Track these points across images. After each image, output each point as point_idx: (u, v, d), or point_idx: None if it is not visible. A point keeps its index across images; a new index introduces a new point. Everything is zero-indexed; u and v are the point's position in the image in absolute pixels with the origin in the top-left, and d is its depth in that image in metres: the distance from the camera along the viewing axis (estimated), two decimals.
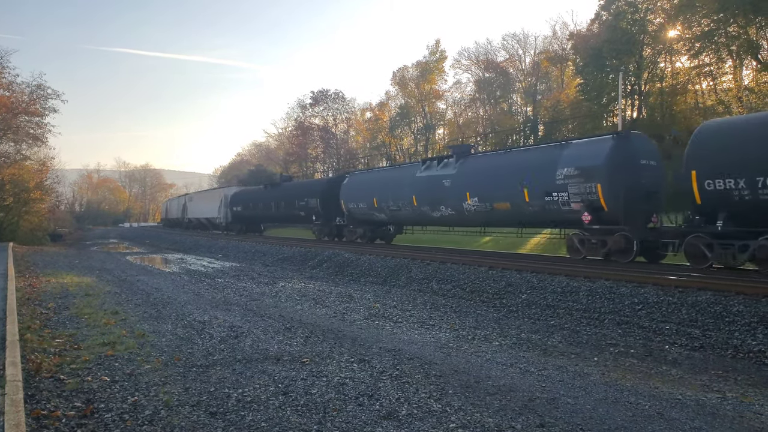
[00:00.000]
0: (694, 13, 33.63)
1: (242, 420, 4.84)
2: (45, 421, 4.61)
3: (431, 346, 8.05)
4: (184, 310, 10.57)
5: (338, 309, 11.37)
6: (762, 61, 32.31)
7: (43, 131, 39.76)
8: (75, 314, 9.95)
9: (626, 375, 6.77)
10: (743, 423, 5.13)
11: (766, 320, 8.47)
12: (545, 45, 57.13)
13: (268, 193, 36.87)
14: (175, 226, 65.06)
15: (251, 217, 40.18)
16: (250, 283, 15.81)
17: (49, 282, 14.85)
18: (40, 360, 6.37)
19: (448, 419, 4.93)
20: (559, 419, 5.01)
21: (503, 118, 55.18)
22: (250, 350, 7.44)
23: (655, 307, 9.88)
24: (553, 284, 12.15)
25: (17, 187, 38.25)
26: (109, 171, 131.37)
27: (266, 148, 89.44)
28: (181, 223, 61.99)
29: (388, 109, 68.61)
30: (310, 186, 34.06)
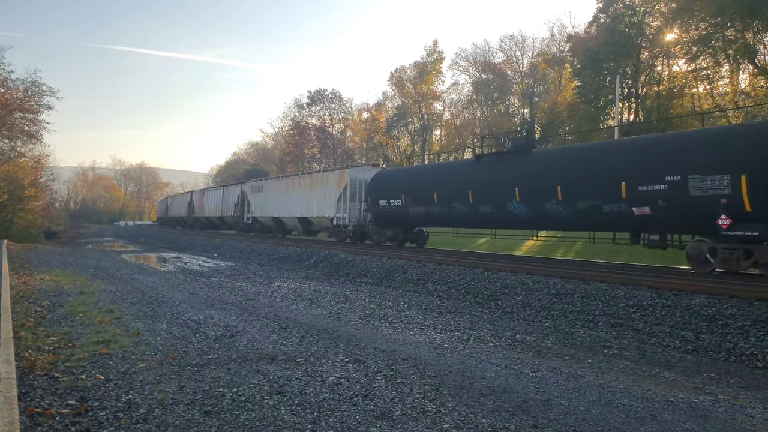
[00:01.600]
0: (691, 16, 33.78)
1: (236, 419, 4.85)
2: (39, 419, 4.60)
3: (426, 347, 8.06)
4: (179, 309, 10.57)
5: (334, 309, 11.38)
6: (759, 65, 32.46)
7: (37, 128, 39.72)
8: (69, 312, 9.93)
9: (620, 377, 6.80)
10: (735, 425, 5.16)
11: (759, 324, 8.52)
12: (543, 47, 57.34)
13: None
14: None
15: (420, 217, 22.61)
16: (245, 282, 15.80)
17: (43, 280, 14.81)
18: (35, 358, 6.36)
19: (442, 420, 4.95)
20: (553, 420, 5.03)
21: (500, 120, 55.28)
22: (245, 350, 7.44)
23: (649, 309, 9.92)
24: (548, 286, 12.19)
25: (12, 184, 38.16)
26: (104, 169, 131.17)
27: (262, 147, 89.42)
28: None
29: (385, 110, 68.72)
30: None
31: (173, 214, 62.86)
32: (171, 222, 64.75)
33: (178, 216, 60.11)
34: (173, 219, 63.37)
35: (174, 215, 62.46)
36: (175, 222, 62.66)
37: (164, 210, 69.57)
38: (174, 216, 62.49)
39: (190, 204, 53.90)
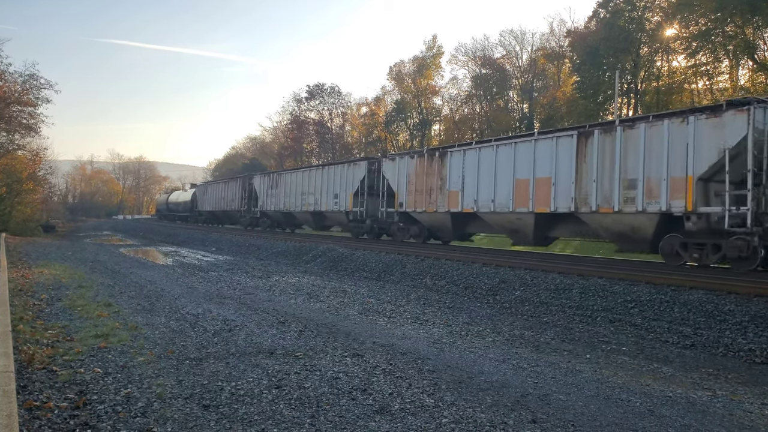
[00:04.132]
0: (691, 12, 33.74)
1: (235, 413, 4.85)
2: (37, 412, 4.60)
3: (424, 342, 8.07)
4: (177, 303, 10.56)
5: (332, 303, 11.38)
6: (758, 61, 32.44)
7: (36, 121, 39.50)
8: (68, 306, 9.93)
9: (618, 372, 6.80)
10: (733, 420, 5.17)
11: (757, 319, 8.53)
12: (542, 42, 57.22)
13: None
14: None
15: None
16: (243, 276, 15.80)
17: (41, 273, 14.79)
18: (33, 351, 6.36)
19: (440, 414, 4.95)
20: (551, 415, 5.03)
21: (499, 115, 55.25)
22: (244, 344, 7.44)
23: (648, 305, 9.93)
24: (546, 281, 12.20)
25: (10, 178, 38.06)
26: (102, 163, 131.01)
27: (261, 141, 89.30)
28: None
29: (384, 105, 68.59)
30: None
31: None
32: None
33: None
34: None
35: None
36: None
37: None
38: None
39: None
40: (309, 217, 30.69)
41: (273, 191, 33.90)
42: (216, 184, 46.18)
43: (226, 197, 42.17)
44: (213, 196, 45.88)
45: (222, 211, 43.03)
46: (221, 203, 43.39)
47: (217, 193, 44.84)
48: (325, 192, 28.64)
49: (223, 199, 43.17)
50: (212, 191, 46.47)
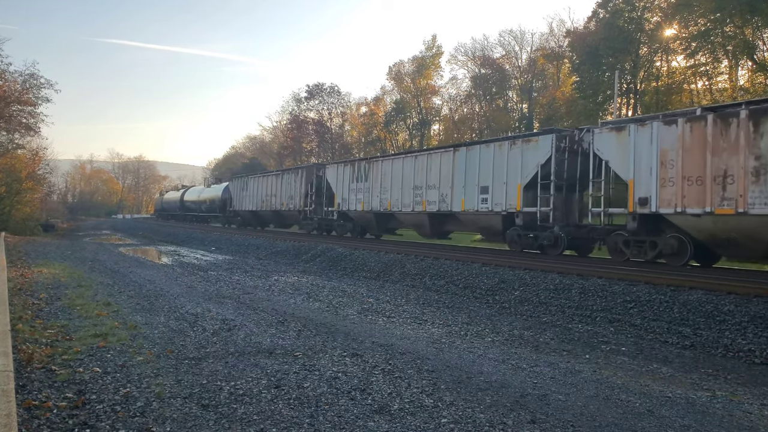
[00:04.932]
0: (691, 12, 33.76)
1: (234, 413, 4.84)
2: (36, 412, 4.59)
3: (424, 342, 8.06)
4: (176, 303, 10.55)
5: (331, 303, 11.37)
6: (758, 61, 32.45)
7: (35, 121, 39.49)
8: (67, 305, 9.92)
9: (617, 372, 6.80)
10: (732, 421, 5.17)
11: (757, 320, 8.53)
12: (542, 42, 57.23)
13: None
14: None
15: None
16: (243, 276, 15.79)
17: (41, 272, 14.78)
18: (32, 350, 6.35)
19: (439, 414, 4.95)
20: (551, 415, 5.03)
21: (499, 115, 55.28)
22: (243, 343, 7.44)
23: (647, 305, 9.93)
24: (545, 281, 12.19)
25: (9, 177, 38.03)
26: (102, 162, 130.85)
27: (260, 141, 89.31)
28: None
29: (384, 104, 68.61)
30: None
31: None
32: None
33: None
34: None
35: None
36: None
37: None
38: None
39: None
40: (425, 221, 21.62)
41: (360, 185, 25.43)
42: (263, 177, 36.33)
43: (279, 194, 33.26)
44: (257, 192, 36.22)
45: (273, 211, 34.39)
46: (270, 201, 34.28)
47: (263, 188, 35.45)
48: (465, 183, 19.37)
49: (273, 196, 33.92)
50: (256, 186, 36.52)
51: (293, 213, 32.08)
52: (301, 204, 30.69)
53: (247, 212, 38.75)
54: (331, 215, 28.10)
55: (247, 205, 38.14)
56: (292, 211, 31.94)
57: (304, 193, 30.48)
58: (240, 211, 39.73)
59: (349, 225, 27.30)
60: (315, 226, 30.17)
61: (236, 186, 40.63)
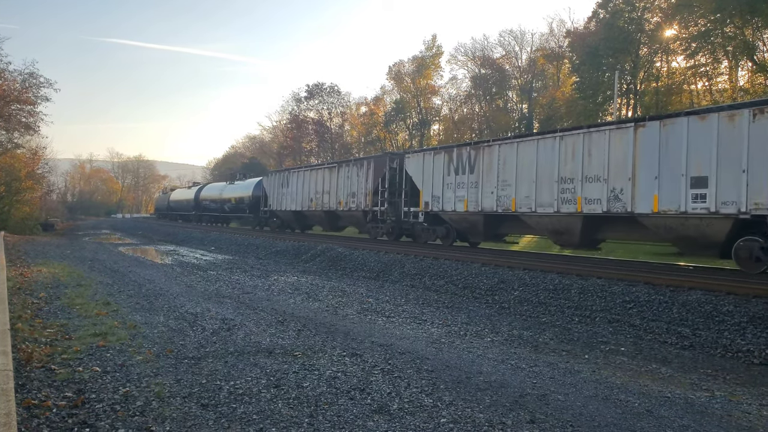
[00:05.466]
0: (691, 12, 33.74)
1: (234, 412, 4.84)
2: (36, 411, 4.60)
3: (423, 341, 8.07)
4: (176, 302, 10.56)
5: (331, 303, 11.37)
6: (758, 62, 32.44)
7: (35, 120, 39.46)
8: (66, 304, 9.92)
9: (616, 372, 6.81)
10: (731, 421, 5.18)
11: (756, 320, 8.54)
12: (542, 42, 57.18)
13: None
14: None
15: None
16: (242, 275, 15.79)
17: (40, 272, 14.78)
18: (31, 350, 6.35)
19: (439, 414, 4.95)
20: (550, 415, 5.04)
21: (499, 115, 55.25)
22: (243, 343, 7.44)
23: (646, 305, 9.94)
24: (545, 281, 12.20)
25: (9, 176, 38.03)
26: (101, 161, 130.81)
27: (260, 141, 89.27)
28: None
29: (384, 104, 68.55)
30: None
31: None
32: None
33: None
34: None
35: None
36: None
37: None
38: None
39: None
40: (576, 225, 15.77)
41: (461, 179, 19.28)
42: (311, 171, 30.17)
43: (334, 191, 27.34)
44: (303, 189, 30.24)
45: (325, 212, 28.28)
46: (321, 200, 28.40)
47: (311, 184, 29.57)
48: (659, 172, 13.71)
49: (325, 193, 28.06)
50: (301, 182, 30.52)
51: (355, 214, 25.92)
52: (368, 203, 24.64)
53: (287, 213, 32.38)
54: (413, 217, 22.41)
55: (288, 205, 31.88)
56: (354, 211, 25.78)
57: (371, 190, 24.41)
58: (278, 211, 33.33)
59: (440, 230, 21.07)
60: (386, 230, 24.06)
61: (273, 182, 34.30)
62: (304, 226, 33.06)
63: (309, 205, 29.69)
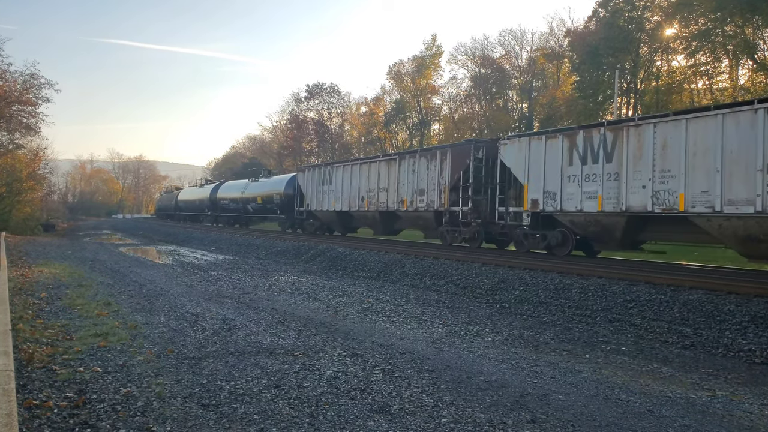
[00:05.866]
0: (691, 11, 33.74)
1: (234, 412, 4.84)
2: (37, 411, 4.60)
3: (424, 341, 8.07)
4: (176, 302, 10.56)
5: (331, 303, 11.37)
6: (758, 60, 32.44)
7: (36, 120, 39.53)
8: (67, 305, 9.92)
9: (617, 372, 6.81)
10: (733, 421, 5.17)
11: (757, 320, 8.53)
12: (542, 42, 57.25)
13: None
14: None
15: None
16: (243, 276, 15.79)
17: (41, 272, 14.79)
18: (33, 350, 6.35)
19: (439, 414, 4.95)
20: (551, 415, 5.03)
21: (499, 115, 55.28)
22: (243, 343, 7.44)
23: (647, 305, 9.93)
24: (545, 281, 12.19)
25: (10, 177, 38.10)
26: (102, 162, 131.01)
27: (260, 141, 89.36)
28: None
29: (384, 104, 68.58)
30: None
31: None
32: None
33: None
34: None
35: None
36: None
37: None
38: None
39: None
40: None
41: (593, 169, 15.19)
42: (361, 165, 25.73)
43: (394, 188, 23.04)
44: (350, 185, 26.07)
45: (381, 212, 23.96)
46: (376, 199, 24.10)
47: (361, 180, 25.34)
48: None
49: (382, 191, 23.81)
50: (348, 178, 26.26)
51: (423, 215, 21.56)
52: (443, 202, 20.42)
53: (329, 214, 28.11)
54: (510, 219, 18.07)
55: (330, 204, 27.56)
56: (422, 212, 21.44)
57: (448, 186, 20.19)
58: (318, 211, 29.00)
59: (554, 235, 16.56)
60: (469, 235, 19.74)
61: (310, 178, 29.85)
62: (349, 228, 28.90)
63: (359, 205, 25.23)
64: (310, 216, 30.47)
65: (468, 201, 19.49)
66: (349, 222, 27.76)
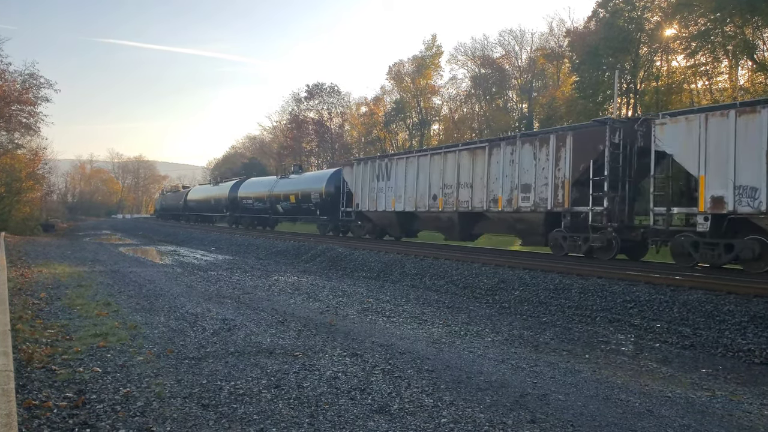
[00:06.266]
0: (691, 12, 33.75)
1: (234, 412, 4.84)
2: (36, 411, 4.60)
3: (424, 341, 8.06)
4: (176, 303, 10.55)
5: (331, 303, 11.37)
6: (758, 61, 32.44)
7: (35, 120, 39.54)
8: (67, 305, 9.92)
9: (617, 372, 6.81)
10: (732, 421, 5.17)
11: (757, 319, 8.53)
12: (542, 42, 57.32)
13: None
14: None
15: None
16: (243, 276, 15.79)
17: (41, 272, 14.78)
18: (32, 350, 6.35)
19: (439, 414, 4.95)
20: (550, 415, 5.03)
21: (498, 115, 55.29)
22: (243, 343, 7.44)
23: (647, 305, 9.93)
24: (545, 281, 12.19)
25: (9, 177, 38.06)
26: (102, 162, 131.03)
27: (260, 141, 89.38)
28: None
29: (384, 104, 68.60)
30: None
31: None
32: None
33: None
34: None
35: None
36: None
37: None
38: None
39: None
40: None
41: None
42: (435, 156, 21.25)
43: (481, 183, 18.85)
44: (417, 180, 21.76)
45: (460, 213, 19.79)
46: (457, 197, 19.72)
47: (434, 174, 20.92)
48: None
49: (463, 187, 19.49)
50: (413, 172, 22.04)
51: (527, 217, 17.24)
52: (561, 200, 16.19)
53: (386, 215, 23.77)
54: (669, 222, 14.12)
55: (388, 204, 23.28)
56: (525, 213, 17.16)
57: (569, 180, 16.02)
58: (370, 212, 24.88)
59: (747, 246, 12.33)
60: (602, 243, 15.29)
61: (360, 174, 25.53)
62: (409, 232, 24.86)
63: (429, 205, 20.91)
64: (359, 217, 26.37)
65: (602, 200, 15.12)
66: (411, 224, 23.82)
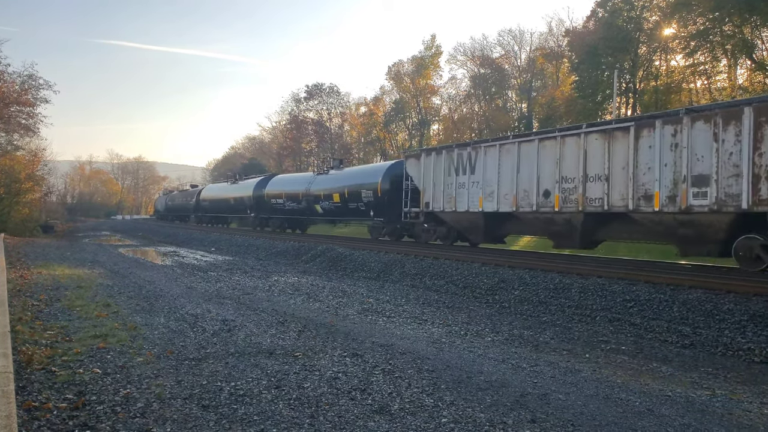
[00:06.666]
0: (689, 11, 33.75)
1: (234, 413, 4.84)
2: (36, 413, 4.59)
3: (424, 341, 8.07)
4: (176, 303, 10.55)
5: (331, 303, 11.37)
6: (757, 60, 32.45)
7: (34, 121, 39.52)
8: (67, 306, 9.91)
9: (617, 372, 6.81)
10: (732, 420, 5.17)
11: (756, 318, 8.54)
12: (541, 41, 57.27)
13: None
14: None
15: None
16: (243, 276, 15.79)
17: (40, 273, 14.78)
18: (32, 352, 6.35)
19: (440, 414, 4.95)
20: (551, 415, 5.03)
21: (498, 115, 55.27)
22: (243, 344, 7.44)
23: (647, 304, 9.93)
24: (545, 281, 12.19)
25: (8, 178, 38.01)
26: (101, 163, 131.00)
27: (260, 141, 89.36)
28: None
29: (383, 104, 68.56)
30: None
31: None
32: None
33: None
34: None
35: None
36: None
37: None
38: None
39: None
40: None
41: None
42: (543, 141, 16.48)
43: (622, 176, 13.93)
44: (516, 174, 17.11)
45: (585, 214, 15.04)
46: (583, 192, 14.93)
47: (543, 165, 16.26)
48: None
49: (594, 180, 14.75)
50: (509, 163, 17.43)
51: (699, 219, 12.49)
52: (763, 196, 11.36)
53: (469, 216, 19.28)
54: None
55: (473, 202, 18.79)
56: (699, 214, 12.38)
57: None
58: (446, 213, 20.29)
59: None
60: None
61: (430, 167, 20.99)
62: (496, 236, 19.77)
63: (538, 203, 16.38)
64: (429, 219, 21.70)
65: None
66: (501, 228, 19.11)
